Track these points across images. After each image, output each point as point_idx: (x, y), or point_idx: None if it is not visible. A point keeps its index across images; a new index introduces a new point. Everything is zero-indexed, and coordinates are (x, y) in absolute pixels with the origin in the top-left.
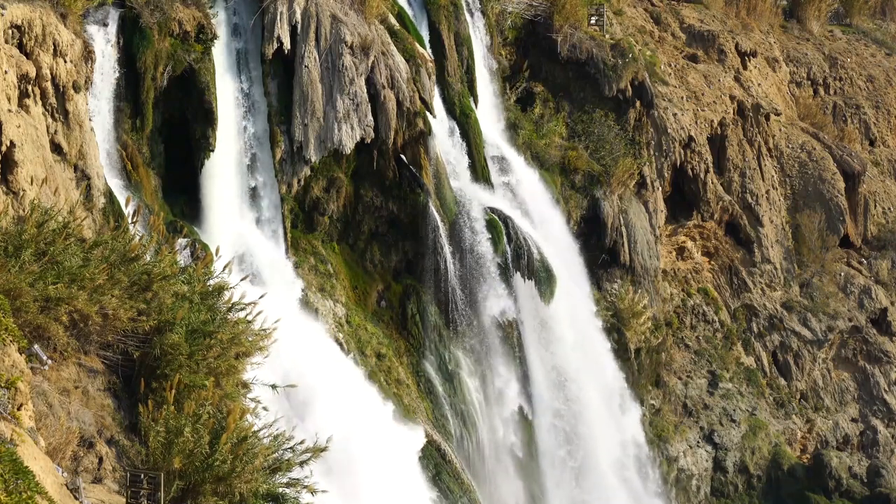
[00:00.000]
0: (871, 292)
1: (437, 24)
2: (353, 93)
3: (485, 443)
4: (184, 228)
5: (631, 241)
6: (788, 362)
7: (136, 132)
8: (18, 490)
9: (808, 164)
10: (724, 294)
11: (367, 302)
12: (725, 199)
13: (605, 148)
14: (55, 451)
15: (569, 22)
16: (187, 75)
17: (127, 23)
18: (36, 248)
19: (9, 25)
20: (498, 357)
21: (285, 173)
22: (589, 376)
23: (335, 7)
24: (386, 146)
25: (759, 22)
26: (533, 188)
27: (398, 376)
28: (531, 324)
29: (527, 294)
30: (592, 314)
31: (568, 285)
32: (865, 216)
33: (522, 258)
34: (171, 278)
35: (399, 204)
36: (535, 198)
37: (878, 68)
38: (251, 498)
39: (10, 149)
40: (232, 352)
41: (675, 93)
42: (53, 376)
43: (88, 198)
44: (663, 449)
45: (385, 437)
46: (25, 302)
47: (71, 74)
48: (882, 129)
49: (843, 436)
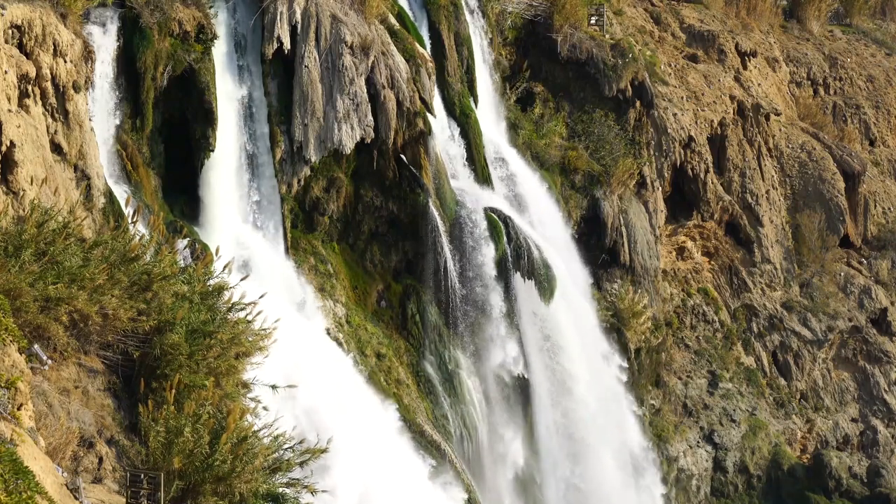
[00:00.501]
0: (871, 292)
1: (437, 24)
2: (353, 93)
3: (484, 442)
4: (184, 228)
5: (631, 241)
6: (788, 362)
7: (136, 132)
8: (18, 490)
9: (808, 164)
10: (724, 294)
11: (367, 302)
12: (725, 199)
13: (605, 148)
14: (55, 451)
15: (569, 22)
16: (187, 75)
17: (127, 23)
18: (36, 248)
19: (9, 25)
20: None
21: (285, 173)
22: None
23: (335, 7)
24: (386, 146)
25: (759, 22)
26: (533, 188)
27: (398, 376)
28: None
29: (526, 295)
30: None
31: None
32: (865, 216)
33: (522, 258)
34: (171, 278)
35: (399, 204)
36: (535, 198)
37: (878, 68)
38: (251, 498)
39: (10, 149)
40: (232, 352)
41: (675, 93)
42: (53, 376)
43: (88, 198)
44: (663, 449)
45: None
46: (25, 302)
47: (71, 74)
48: (882, 129)
49: (843, 436)
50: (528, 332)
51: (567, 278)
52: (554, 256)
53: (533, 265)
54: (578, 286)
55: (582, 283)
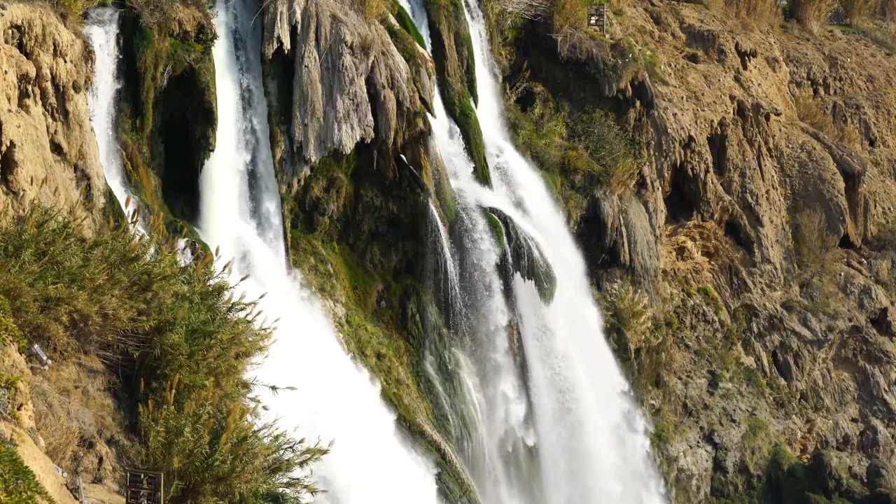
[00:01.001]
0: (871, 292)
1: (437, 24)
2: (353, 93)
3: (484, 442)
4: (184, 228)
5: (631, 241)
6: (788, 362)
7: (136, 132)
8: (18, 490)
9: (808, 164)
10: (724, 294)
11: (367, 302)
12: (725, 199)
13: (605, 148)
14: (55, 451)
15: (569, 22)
16: (187, 75)
17: (127, 23)
18: (36, 248)
19: (9, 25)
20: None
21: (285, 173)
22: (589, 377)
23: (335, 7)
24: (386, 146)
25: (759, 22)
26: (533, 188)
27: (398, 376)
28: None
29: (526, 295)
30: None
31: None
32: (865, 216)
33: (522, 258)
34: (171, 278)
35: (399, 204)
36: (535, 198)
37: (878, 68)
38: (251, 498)
39: (10, 149)
40: (232, 352)
41: (675, 93)
42: (53, 376)
43: (88, 198)
44: (663, 449)
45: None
46: (25, 302)
47: (71, 74)
48: (882, 129)
49: (843, 436)
50: (528, 329)
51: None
52: (554, 256)
53: (533, 265)
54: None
55: (581, 282)
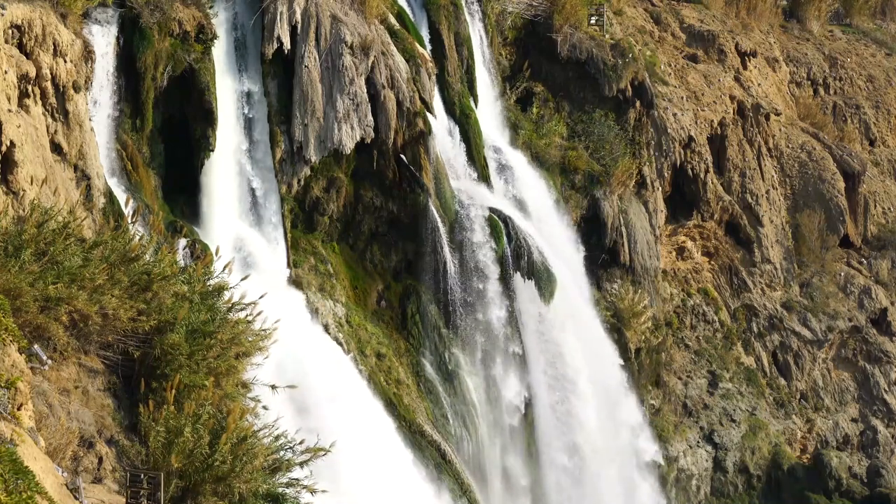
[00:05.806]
0: (871, 292)
1: (437, 24)
2: (353, 93)
3: (484, 442)
4: (184, 228)
5: (631, 241)
6: (788, 362)
7: (136, 132)
8: (18, 490)
9: (808, 164)
10: (724, 294)
11: (367, 302)
12: (725, 199)
13: (605, 148)
14: (55, 451)
15: (569, 22)
16: (187, 75)
17: (127, 23)
18: (36, 248)
19: (9, 25)
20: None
21: (285, 173)
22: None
23: (335, 7)
24: (386, 146)
25: (759, 22)
26: (533, 188)
27: (398, 376)
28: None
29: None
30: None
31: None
32: (865, 216)
33: (522, 258)
34: (171, 278)
35: (399, 204)
36: (534, 198)
37: (878, 68)
38: (251, 498)
39: (10, 149)
40: (232, 352)
41: (675, 93)
42: (53, 376)
43: (88, 198)
44: (663, 449)
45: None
46: (25, 302)
47: (71, 74)
48: (882, 129)
49: (843, 436)
50: (528, 329)
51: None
52: (554, 256)
53: (533, 265)
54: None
55: (581, 282)
